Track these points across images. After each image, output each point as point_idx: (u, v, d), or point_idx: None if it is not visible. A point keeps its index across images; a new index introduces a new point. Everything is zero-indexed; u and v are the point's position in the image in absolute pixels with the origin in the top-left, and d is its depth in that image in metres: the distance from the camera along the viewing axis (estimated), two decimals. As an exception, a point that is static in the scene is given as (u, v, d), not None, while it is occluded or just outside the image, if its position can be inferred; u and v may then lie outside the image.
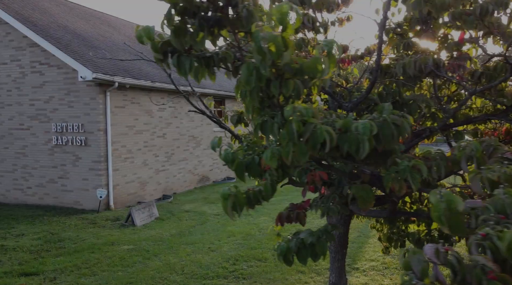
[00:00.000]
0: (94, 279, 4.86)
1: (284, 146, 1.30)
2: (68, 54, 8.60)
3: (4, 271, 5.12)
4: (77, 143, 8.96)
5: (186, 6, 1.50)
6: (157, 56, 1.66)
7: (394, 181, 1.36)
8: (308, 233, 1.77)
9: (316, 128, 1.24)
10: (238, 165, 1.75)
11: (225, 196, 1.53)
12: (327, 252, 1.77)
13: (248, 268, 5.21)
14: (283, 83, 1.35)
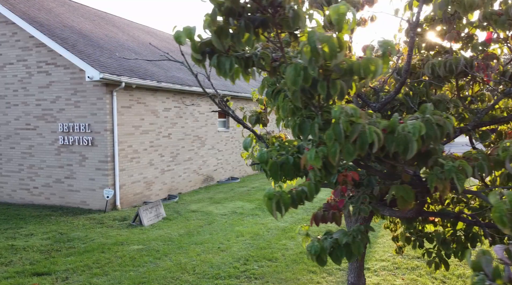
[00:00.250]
0: (106, 279, 4.87)
1: (330, 146, 1.31)
2: (75, 54, 8.61)
3: (16, 271, 5.13)
4: (84, 143, 8.98)
5: (232, 7, 1.50)
6: (196, 57, 1.66)
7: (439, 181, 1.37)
8: (342, 233, 1.77)
9: (365, 129, 1.25)
10: (272, 165, 1.75)
11: (270, 196, 1.53)
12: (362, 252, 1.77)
13: (259, 268, 5.21)
14: (330, 83, 1.35)
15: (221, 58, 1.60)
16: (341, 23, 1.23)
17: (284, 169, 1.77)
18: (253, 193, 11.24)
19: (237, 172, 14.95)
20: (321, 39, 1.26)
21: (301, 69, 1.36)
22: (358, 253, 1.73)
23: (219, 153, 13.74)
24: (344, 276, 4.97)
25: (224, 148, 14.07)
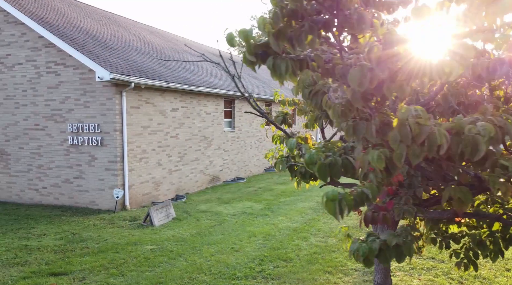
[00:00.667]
0: (123, 279, 4.88)
1: (396, 147, 1.31)
2: (85, 54, 8.62)
3: (32, 271, 5.14)
4: (93, 143, 8.99)
5: (295, 9, 1.51)
6: (250, 59, 1.67)
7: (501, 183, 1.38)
8: (390, 235, 1.77)
9: (434, 131, 1.26)
10: (321, 166, 1.76)
11: (333, 198, 1.54)
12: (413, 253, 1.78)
13: (275, 269, 5.22)
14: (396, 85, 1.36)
15: (277, 60, 1.61)
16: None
17: (332, 170, 1.77)
18: (261, 193, 11.25)
19: (243, 172, 14.97)
20: (397, 41, 1.27)
21: (368, 71, 1.37)
22: (409, 254, 1.74)
23: (225, 153, 13.75)
24: (361, 276, 4.98)
25: (230, 148, 14.08)
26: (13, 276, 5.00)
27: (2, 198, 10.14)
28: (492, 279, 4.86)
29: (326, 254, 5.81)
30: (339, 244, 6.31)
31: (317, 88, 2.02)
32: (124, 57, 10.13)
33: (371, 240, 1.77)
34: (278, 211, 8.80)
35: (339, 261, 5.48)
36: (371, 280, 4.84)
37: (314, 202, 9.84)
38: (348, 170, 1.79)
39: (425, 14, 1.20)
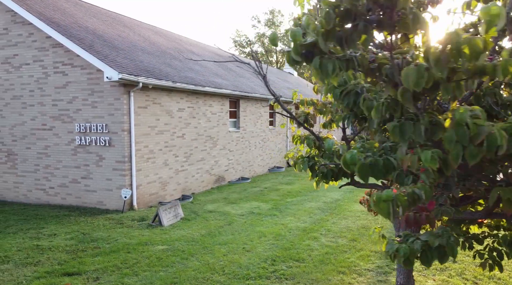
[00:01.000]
0: (138, 279, 4.88)
1: (452, 148, 1.31)
2: (93, 54, 8.62)
3: (46, 271, 5.14)
4: (101, 143, 8.99)
5: (349, 9, 1.51)
6: (296, 58, 1.67)
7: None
8: (431, 236, 1.77)
9: (493, 131, 1.26)
10: (362, 166, 1.76)
11: (387, 198, 1.54)
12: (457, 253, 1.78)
13: (288, 269, 5.22)
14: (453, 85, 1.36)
15: (323, 60, 1.61)
16: (491, 24, 1.23)
17: (373, 170, 1.77)
18: (267, 193, 11.25)
19: (247, 172, 14.97)
20: (462, 41, 1.27)
21: (424, 71, 1.37)
22: (452, 255, 1.74)
23: (230, 153, 13.76)
24: (374, 276, 4.98)
25: (235, 148, 14.08)
26: (27, 276, 5.00)
27: (9, 198, 10.14)
28: (507, 280, 4.86)
29: (338, 254, 5.81)
30: (351, 244, 6.31)
31: (350, 89, 2.02)
32: (131, 57, 10.13)
33: (411, 241, 1.77)
34: (286, 211, 8.80)
35: (352, 261, 5.48)
36: (385, 280, 4.84)
37: (321, 202, 9.84)
38: (389, 170, 1.79)
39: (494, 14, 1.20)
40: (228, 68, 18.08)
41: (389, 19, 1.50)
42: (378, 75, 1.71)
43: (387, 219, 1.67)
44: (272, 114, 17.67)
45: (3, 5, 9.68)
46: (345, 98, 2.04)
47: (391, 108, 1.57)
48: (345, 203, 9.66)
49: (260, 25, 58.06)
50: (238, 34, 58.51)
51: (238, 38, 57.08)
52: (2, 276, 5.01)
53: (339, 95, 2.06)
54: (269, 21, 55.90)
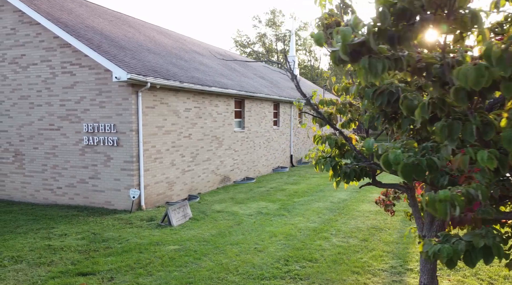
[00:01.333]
0: (153, 279, 4.88)
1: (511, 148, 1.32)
2: (102, 55, 8.62)
3: (59, 271, 5.15)
4: (109, 143, 8.99)
5: (405, 7, 1.51)
6: (344, 58, 1.66)
7: None
8: (476, 236, 1.76)
9: None
10: (405, 166, 1.76)
11: (445, 198, 1.53)
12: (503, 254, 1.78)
13: (302, 269, 5.22)
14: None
15: (373, 60, 1.61)
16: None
17: (416, 170, 1.77)
18: (273, 193, 11.25)
19: (252, 172, 14.97)
20: None
21: (485, 70, 1.37)
22: (498, 255, 1.74)
23: (235, 153, 13.76)
24: (389, 276, 4.98)
25: (240, 148, 14.09)
26: (41, 276, 5.00)
27: (17, 198, 10.15)
28: (521, 280, 4.86)
29: (351, 254, 5.81)
30: (362, 244, 6.31)
31: (383, 88, 2.02)
32: (138, 58, 10.14)
33: (454, 241, 1.76)
34: (294, 211, 8.80)
35: (365, 262, 5.48)
36: (400, 281, 4.84)
37: (328, 202, 9.84)
38: (432, 170, 1.79)
39: None
40: (232, 68, 18.08)
41: (447, 18, 1.50)
42: (426, 75, 1.71)
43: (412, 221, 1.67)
44: (276, 114, 17.67)
45: (10, 5, 9.69)
46: (378, 98, 2.04)
47: (438, 108, 1.58)
48: (353, 203, 9.66)
49: (261, 25, 57.98)
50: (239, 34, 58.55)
51: (239, 38, 57.15)
52: (17, 276, 5.01)
53: (372, 94, 2.06)
54: (270, 21, 55.90)
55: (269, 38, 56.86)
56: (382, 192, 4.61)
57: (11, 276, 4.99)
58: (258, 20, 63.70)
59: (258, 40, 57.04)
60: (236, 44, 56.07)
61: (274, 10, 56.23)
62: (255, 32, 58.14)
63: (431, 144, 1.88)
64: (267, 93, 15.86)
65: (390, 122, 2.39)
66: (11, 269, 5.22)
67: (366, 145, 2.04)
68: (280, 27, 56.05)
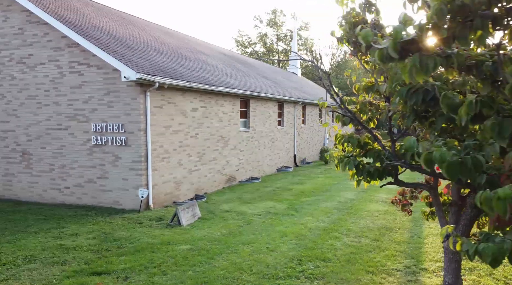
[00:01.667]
0: (167, 279, 4.88)
1: None
2: (111, 54, 8.63)
3: (74, 270, 5.15)
4: (117, 142, 8.99)
5: (465, 4, 1.50)
6: (393, 55, 1.66)
7: None
8: None
9: None
10: (451, 164, 1.75)
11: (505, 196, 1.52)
12: None
13: (315, 268, 5.22)
14: None
15: (423, 57, 1.60)
16: None
17: (461, 169, 1.77)
18: (279, 193, 11.25)
19: (257, 172, 14.97)
20: None
21: None
22: None
23: (241, 153, 13.76)
24: (404, 276, 4.98)
25: (245, 147, 14.09)
26: (56, 275, 5.00)
27: (24, 198, 10.15)
28: (537, 279, 4.86)
29: (363, 254, 5.81)
30: (374, 243, 6.31)
31: (418, 87, 2.02)
32: (145, 57, 10.14)
33: (499, 240, 1.76)
34: (303, 211, 8.80)
35: (378, 261, 5.48)
36: (415, 280, 4.84)
37: (336, 202, 9.84)
38: (477, 168, 1.79)
39: None
40: (236, 68, 18.08)
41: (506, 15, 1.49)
42: (477, 73, 1.70)
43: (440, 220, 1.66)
44: (280, 114, 17.67)
45: (18, 5, 9.69)
46: (412, 96, 2.04)
47: (486, 106, 1.57)
48: (361, 203, 9.66)
49: (262, 25, 57.96)
50: (240, 34, 58.59)
51: (240, 38, 57.16)
52: (31, 275, 5.01)
53: (406, 93, 2.06)
54: (271, 21, 55.91)
55: (270, 38, 56.92)
56: (399, 192, 4.60)
57: (25, 275, 4.99)
58: (259, 20, 63.68)
59: (259, 40, 57.07)
60: (237, 44, 56.09)
61: (275, 10, 56.21)
62: (256, 32, 58.08)
63: (473, 142, 1.88)
64: (272, 93, 15.86)
65: (421, 120, 2.39)
66: (25, 269, 5.22)
67: (407, 143, 2.03)
68: (281, 27, 56.08)
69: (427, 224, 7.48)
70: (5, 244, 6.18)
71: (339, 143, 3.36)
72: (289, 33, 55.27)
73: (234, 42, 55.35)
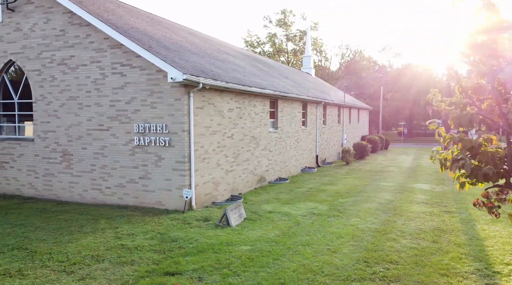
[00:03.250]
0: (242, 280, 4.89)
1: None
2: (156, 55, 8.67)
3: (146, 270, 5.19)
4: (161, 143, 9.04)
5: None
6: None
7: None
8: None
9: None
10: None
11: None
12: None
13: (386, 271, 5.20)
14: None
15: None
16: None
17: None
18: (315, 193, 11.23)
19: (284, 173, 14.97)
20: None
21: None
22: None
23: (270, 153, 13.76)
24: (479, 279, 4.94)
25: (274, 148, 14.09)
26: (130, 275, 5.04)
27: (64, 198, 10.25)
28: None
29: (428, 256, 5.77)
30: (434, 246, 6.26)
31: None
32: (184, 58, 10.19)
33: None
34: (347, 212, 8.77)
35: (447, 264, 5.44)
36: (492, 284, 4.80)
37: (376, 203, 9.79)
38: None
39: None
40: (259, 68, 18.10)
41: None
42: None
43: None
44: (304, 115, 17.64)
45: (61, 7, 9.80)
46: None
47: None
48: (402, 204, 9.61)
49: (271, 25, 57.92)
50: (249, 34, 58.61)
51: (249, 38, 57.20)
52: (105, 275, 5.06)
53: None
54: (281, 21, 55.90)
55: (279, 38, 56.87)
56: (483, 194, 4.56)
57: (100, 275, 5.04)
58: (269, 20, 63.71)
59: (268, 40, 57.03)
60: (246, 44, 56.21)
61: (284, 10, 56.22)
62: (266, 32, 58.11)
63: None
64: (297, 94, 15.85)
65: None
66: (97, 268, 5.27)
67: None
68: (290, 27, 56.00)
69: (479, 226, 7.41)
70: (67, 244, 6.24)
71: (446, 143, 3.33)
72: (298, 33, 55.25)
73: (244, 42, 55.43)
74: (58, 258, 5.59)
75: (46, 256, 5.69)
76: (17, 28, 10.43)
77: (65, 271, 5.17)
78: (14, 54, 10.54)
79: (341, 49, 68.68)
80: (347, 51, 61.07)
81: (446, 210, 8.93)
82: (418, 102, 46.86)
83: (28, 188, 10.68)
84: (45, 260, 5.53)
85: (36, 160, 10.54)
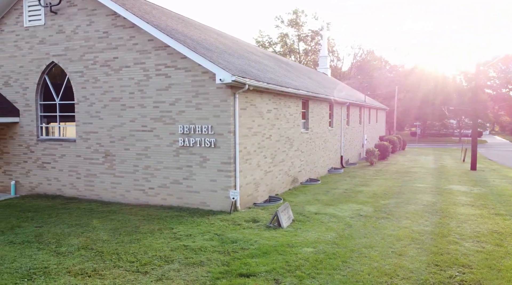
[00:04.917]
0: (320, 283, 4.87)
1: None
2: (204, 57, 8.70)
3: (218, 271, 5.20)
4: (206, 144, 9.07)
5: None
6: None
7: None
8: None
9: None
10: None
11: None
12: None
13: (462, 275, 5.13)
14: None
15: None
16: None
17: None
18: (352, 195, 11.15)
19: (313, 174, 14.91)
20: None
21: None
22: None
23: (302, 154, 13.73)
24: (563, 284, 4.84)
25: (305, 149, 14.05)
26: (204, 276, 5.06)
27: (106, 198, 10.36)
28: None
29: (498, 260, 5.68)
30: (500, 249, 6.16)
31: None
32: (226, 60, 10.21)
33: None
34: (394, 214, 8.69)
35: (522, 268, 5.34)
36: None
37: (420, 205, 9.68)
38: None
39: None
40: (285, 69, 18.08)
41: None
42: None
43: None
44: (331, 115, 17.55)
45: (104, 9, 9.91)
46: None
47: None
48: (447, 206, 9.49)
49: (283, 25, 57.84)
50: (260, 35, 58.60)
51: (261, 38, 57.19)
52: (180, 275, 5.08)
53: None
54: (293, 21, 55.79)
55: (291, 38, 56.77)
56: None
57: (175, 276, 5.07)
58: (281, 20, 63.62)
59: (280, 40, 56.96)
60: (258, 45, 56.25)
61: (296, 10, 56.12)
62: (277, 33, 57.99)
63: None
64: (325, 94, 15.78)
65: None
66: (169, 269, 5.29)
67: None
68: (302, 27, 55.86)
69: (538, 229, 7.28)
70: (130, 244, 6.30)
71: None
72: (310, 33, 55.07)
73: (255, 42, 55.43)
74: (127, 258, 5.64)
75: (114, 256, 5.74)
76: (59, 30, 10.58)
77: (139, 271, 5.21)
78: (56, 56, 10.69)
79: (354, 49, 68.32)
80: (360, 51, 60.73)
81: (495, 213, 8.79)
82: (432, 102, 46.33)
83: (69, 188, 10.82)
84: (115, 260, 5.58)
85: (78, 161, 10.67)
